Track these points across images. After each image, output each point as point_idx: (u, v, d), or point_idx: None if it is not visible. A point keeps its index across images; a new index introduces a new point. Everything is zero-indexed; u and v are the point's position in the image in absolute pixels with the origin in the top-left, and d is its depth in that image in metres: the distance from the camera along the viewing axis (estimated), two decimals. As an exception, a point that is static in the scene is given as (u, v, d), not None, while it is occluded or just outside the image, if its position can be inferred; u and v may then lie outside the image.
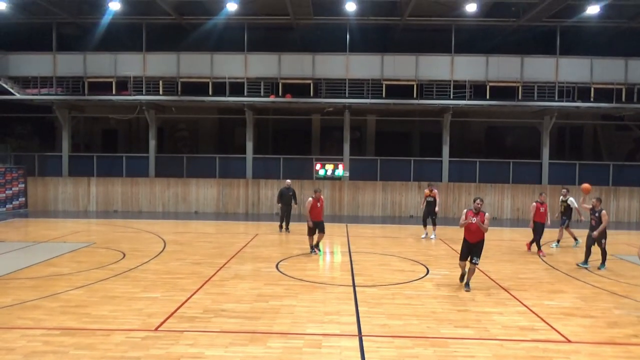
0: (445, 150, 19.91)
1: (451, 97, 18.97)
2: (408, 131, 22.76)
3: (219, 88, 19.13)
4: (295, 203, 14.34)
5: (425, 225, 13.72)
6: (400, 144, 22.36)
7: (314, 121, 22.35)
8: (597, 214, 9.49)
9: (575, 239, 12.65)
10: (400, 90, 18.89)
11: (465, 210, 8.23)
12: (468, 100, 18.85)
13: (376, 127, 22.55)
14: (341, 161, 20.18)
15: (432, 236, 13.45)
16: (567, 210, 12.31)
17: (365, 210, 19.72)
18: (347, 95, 19.22)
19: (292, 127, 22.35)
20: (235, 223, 17.23)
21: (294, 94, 19.09)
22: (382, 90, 19.02)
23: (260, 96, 19.32)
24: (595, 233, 9.26)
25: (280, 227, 14.55)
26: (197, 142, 23.18)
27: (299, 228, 15.16)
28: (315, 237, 11.05)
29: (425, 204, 13.53)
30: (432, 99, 19.01)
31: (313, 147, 22.43)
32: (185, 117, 22.05)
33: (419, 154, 22.34)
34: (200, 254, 11.02)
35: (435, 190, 13.39)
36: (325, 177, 20.13)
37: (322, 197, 10.13)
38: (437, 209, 13.33)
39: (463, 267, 8.30)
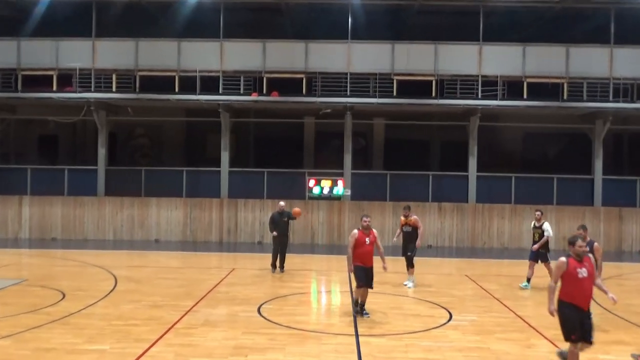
0: (472, 163, 20.26)
1: (479, 96, 19.30)
2: (425, 139, 23.05)
3: (188, 84, 19.37)
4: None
5: (408, 267, 12.13)
6: (415, 155, 22.59)
7: (307, 126, 22.78)
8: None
9: (529, 280, 12.23)
10: (415, 87, 19.17)
11: (564, 259, 6.44)
12: (500, 100, 19.20)
13: (385, 134, 22.92)
14: (341, 176, 20.52)
15: (408, 284, 11.98)
16: (540, 239, 12.14)
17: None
18: (348, 93, 19.54)
19: (280, 134, 22.55)
20: (207, 255, 17.46)
21: (282, 91, 19.38)
22: (392, 88, 19.36)
23: (239, 94, 19.65)
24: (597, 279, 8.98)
25: (274, 266, 13.80)
26: (159, 152, 23.53)
27: (297, 262, 15.24)
28: (361, 291, 9.44)
29: (400, 235, 12.16)
30: (456, 98, 19.34)
31: (306, 159, 22.68)
32: (145, 121, 22.31)
33: (438, 167, 22.67)
34: (161, 294, 11.04)
35: (415, 217, 11.99)
36: (320, 197, 20.45)
37: (373, 230, 8.54)
38: (418, 242, 11.87)
39: None
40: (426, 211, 20.23)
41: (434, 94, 19.31)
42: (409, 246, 11.95)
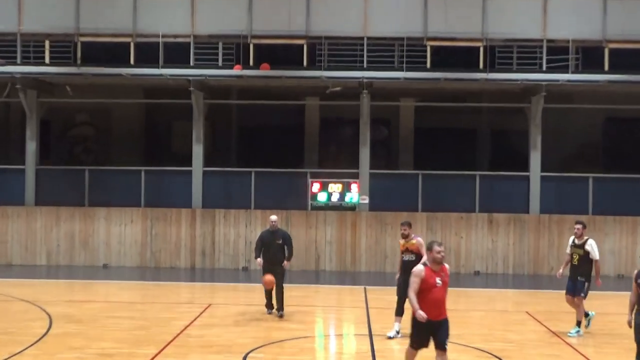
0: (535, 159, 20.48)
1: (543, 68, 19.49)
2: (470, 127, 23.15)
3: (148, 53, 19.57)
4: (288, 258, 13.11)
5: (399, 311, 11.52)
6: (457, 150, 22.73)
7: (309, 110, 23.03)
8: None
9: (587, 315, 12.27)
10: (456, 57, 19.46)
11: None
12: (573, 73, 19.32)
13: (416, 121, 22.99)
14: (355, 178, 20.69)
15: (391, 334, 11.41)
16: (583, 263, 11.99)
17: (397, 260, 19.88)
18: (365, 65, 19.71)
19: (272, 121, 22.78)
20: (174, 285, 17.60)
21: (275, 63, 19.62)
22: (425, 58, 19.55)
23: (217, 67, 19.93)
24: None
25: (269, 306, 13.38)
26: (108, 146, 23.70)
27: (297, 296, 15.07)
28: (412, 354, 8.66)
29: (400, 266, 11.52)
30: (511, 71, 19.56)
31: (308, 155, 22.89)
32: (89, 104, 22.64)
33: (488, 165, 22.85)
34: (113, 339, 11.02)
35: (419, 239, 11.41)
36: (327, 206, 20.75)
37: (446, 266, 8.15)
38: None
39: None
40: (471, 225, 20.50)
41: (481, 66, 19.51)
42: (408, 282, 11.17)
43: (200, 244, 20.76)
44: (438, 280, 7.90)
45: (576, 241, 11.98)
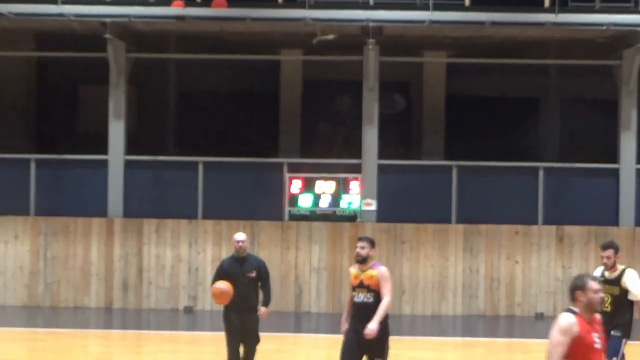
0: (628, 144, 20.57)
1: (640, 6, 19.39)
2: (531, 96, 23.37)
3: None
4: (266, 302, 12.29)
5: None
6: (510, 130, 22.91)
7: (286, 69, 23.08)
8: None
9: None
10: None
11: None
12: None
13: (448, 86, 23.11)
14: (356, 173, 20.69)
15: None
16: (619, 307, 11.56)
17: (419, 298, 20.42)
18: (371, 2, 20.01)
19: (230, 85, 23.17)
20: (79, 334, 17.45)
21: (236, -4, 19.56)
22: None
23: (146, 3, 20.24)
24: None
25: None
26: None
27: (270, 350, 14.43)
28: None
29: (350, 309, 10.59)
30: (593, 11, 19.77)
31: (284, 137, 22.99)
32: None
33: (557, 153, 23.11)
34: None
35: (382, 269, 10.29)
36: (313, 215, 20.81)
37: (597, 317, 7.73)
38: (376, 323, 10.05)
39: None
40: (532, 243, 20.42)
41: (547, 3, 19.92)
42: (369, 339, 10.25)
43: (120, 272, 20.54)
44: (596, 338, 6.95)
45: (606, 274, 11.31)
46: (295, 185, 20.80)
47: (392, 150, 22.14)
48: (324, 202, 20.83)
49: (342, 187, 20.81)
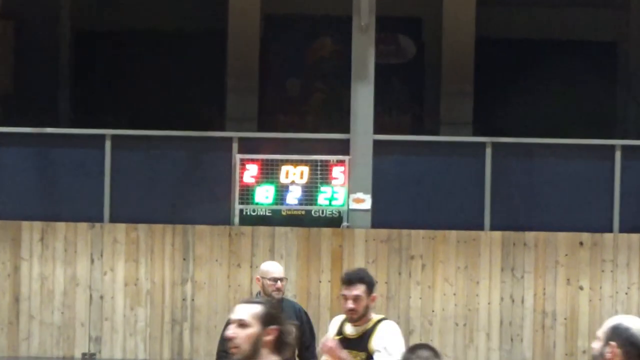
0: None
1: None
2: (602, 40, 21.64)
3: None
4: None
5: None
6: (569, 91, 20.71)
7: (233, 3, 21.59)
8: None
9: None
10: None
11: None
12: None
13: (478, 23, 20.91)
14: (343, 154, 18.17)
15: None
16: None
17: (435, 340, 18.06)
18: None
19: (151, 23, 21.32)
20: None
21: None
22: None
23: None
24: None
25: None
26: None
27: None
28: None
29: None
30: None
31: (232, 98, 20.79)
32: None
33: None
34: None
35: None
36: (277, 219, 18.46)
37: None
38: None
39: None
40: (604, 255, 17.86)
41: None
42: None
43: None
44: None
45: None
46: (250, 172, 17.79)
47: (395, 120, 20.74)
48: (293, 198, 17.78)
49: (321, 175, 17.81)
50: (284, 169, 17.56)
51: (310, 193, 17.67)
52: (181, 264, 17.34)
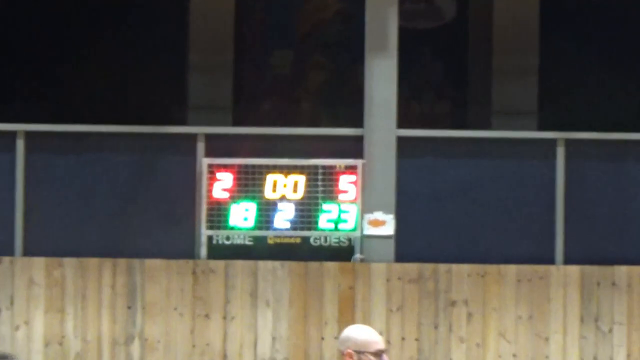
0: None
1: None
2: None
3: None
4: None
5: None
6: None
7: None
8: None
9: None
10: None
11: None
12: None
13: None
14: (354, 157, 16.83)
15: None
16: None
17: None
18: None
19: None
20: None
21: None
22: None
23: None
24: None
25: None
26: None
27: None
28: None
29: None
30: None
31: (196, 81, 19.26)
32: None
33: None
34: None
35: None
36: (260, 249, 17.15)
37: None
38: None
39: None
40: None
41: None
42: None
43: None
44: None
45: None
46: (222, 184, 15.87)
47: (427, 110, 18.82)
48: (283, 220, 15.72)
49: (323, 188, 15.94)
50: (270, 178, 15.14)
51: (307, 213, 15.25)
52: (125, 314, 14.95)
